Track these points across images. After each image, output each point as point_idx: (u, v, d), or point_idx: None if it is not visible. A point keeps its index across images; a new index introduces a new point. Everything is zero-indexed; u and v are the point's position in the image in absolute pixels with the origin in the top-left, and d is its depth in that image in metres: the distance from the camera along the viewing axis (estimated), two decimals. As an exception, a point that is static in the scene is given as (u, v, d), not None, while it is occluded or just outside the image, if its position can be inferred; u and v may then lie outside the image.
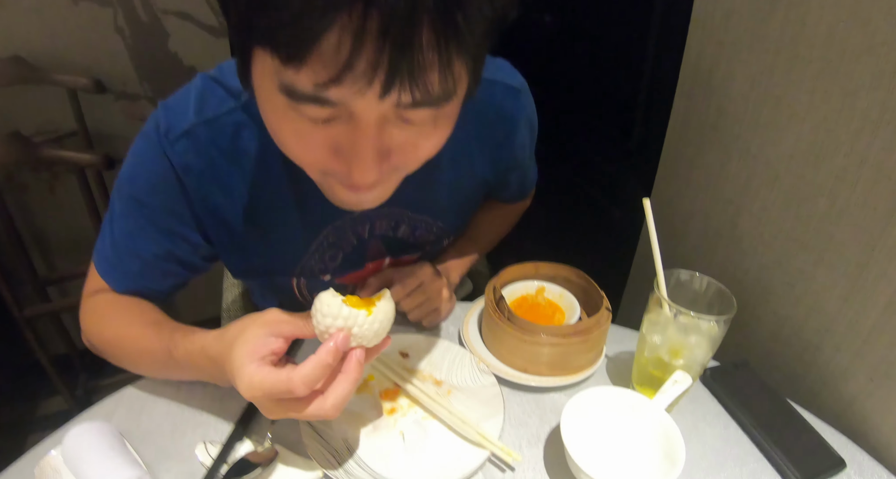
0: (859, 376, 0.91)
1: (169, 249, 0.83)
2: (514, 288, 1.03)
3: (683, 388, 0.79)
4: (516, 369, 0.92)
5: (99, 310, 0.87)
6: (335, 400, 0.62)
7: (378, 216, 0.92)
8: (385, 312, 0.65)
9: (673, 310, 0.80)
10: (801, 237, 0.99)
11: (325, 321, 0.63)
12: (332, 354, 0.61)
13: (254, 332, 0.65)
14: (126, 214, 0.81)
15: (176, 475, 0.76)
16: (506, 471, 0.79)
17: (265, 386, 0.61)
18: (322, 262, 0.94)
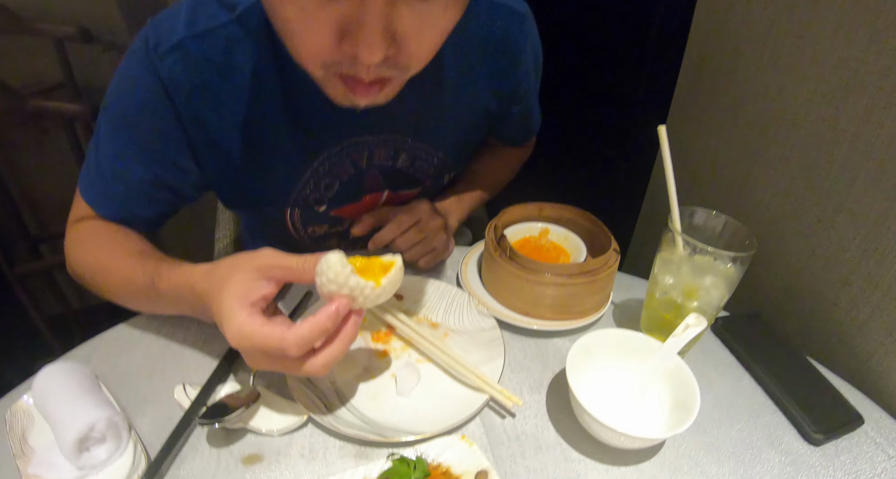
0: (878, 330, 0.86)
1: (156, 173, 0.79)
2: (516, 229, 0.96)
3: (698, 331, 0.73)
4: (518, 313, 0.86)
5: (83, 237, 0.82)
6: (326, 360, 0.60)
7: (377, 144, 0.87)
8: (394, 283, 0.62)
9: (688, 247, 0.74)
10: (820, 185, 0.93)
11: (329, 286, 0.59)
12: (331, 319, 0.58)
13: (245, 275, 0.61)
14: (112, 135, 0.77)
15: (153, 419, 0.70)
16: (506, 417, 0.74)
17: (256, 339, 0.58)
18: (318, 191, 0.90)
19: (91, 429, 0.62)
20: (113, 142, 0.77)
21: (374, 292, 0.60)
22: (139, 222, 0.83)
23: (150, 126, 0.75)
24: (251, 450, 0.67)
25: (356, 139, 0.86)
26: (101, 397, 0.68)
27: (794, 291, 1.01)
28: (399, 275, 0.63)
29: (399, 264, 0.63)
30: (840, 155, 0.89)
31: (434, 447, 0.65)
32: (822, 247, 0.94)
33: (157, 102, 0.73)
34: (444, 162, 0.97)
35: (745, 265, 0.74)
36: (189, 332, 0.83)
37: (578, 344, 0.73)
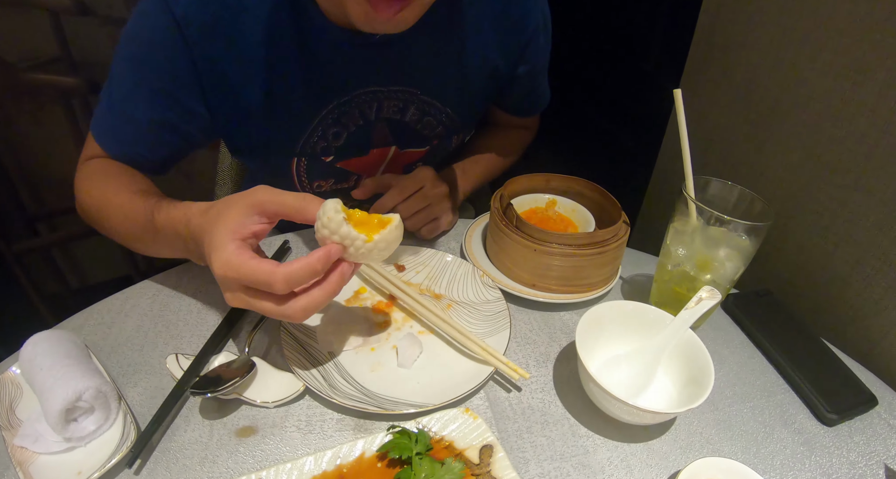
0: (892, 311, 0.83)
1: (164, 115, 0.79)
2: (522, 200, 0.92)
3: (711, 304, 0.69)
4: (523, 285, 0.82)
5: (91, 175, 0.82)
6: (307, 304, 0.57)
7: (387, 96, 0.87)
8: (388, 241, 0.59)
9: (702, 217, 0.70)
10: (834, 161, 0.90)
11: (322, 232, 0.58)
12: (321, 261, 0.56)
13: (238, 210, 0.59)
14: (124, 75, 0.77)
15: (144, 389, 0.67)
16: (511, 391, 0.70)
17: (243, 271, 0.56)
18: (325, 140, 0.89)
19: (78, 399, 0.59)
20: (124, 83, 0.77)
21: (365, 246, 0.58)
22: (146, 165, 0.84)
23: (161, 66, 0.75)
24: (245, 422, 0.64)
25: (366, 90, 0.85)
26: (90, 366, 0.65)
27: (805, 269, 0.98)
28: (394, 234, 0.60)
29: (396, 222, 0.60)
30: (856, 130, 0.85)
31: (437, 421, 0.62)
32: (834, 225, 0.91)
33: (169, 40, 0.73)
34: (451, 120, 0.95)
35: (761, 237, 0.71)
36: (183, 302, 0.80)
37: (588, 314, 0.69)
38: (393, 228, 0.60)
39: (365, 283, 0.83)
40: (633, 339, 0.72)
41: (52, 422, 0.58)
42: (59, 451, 0.59)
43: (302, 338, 0.72)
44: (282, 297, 0.57)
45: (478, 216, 0.98)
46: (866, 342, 0.87)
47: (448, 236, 0.96)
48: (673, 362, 0.71)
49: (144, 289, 0.83)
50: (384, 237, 0.59)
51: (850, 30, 0.84)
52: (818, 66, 0.90)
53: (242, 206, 0.60)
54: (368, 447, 0.59)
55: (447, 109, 0.94)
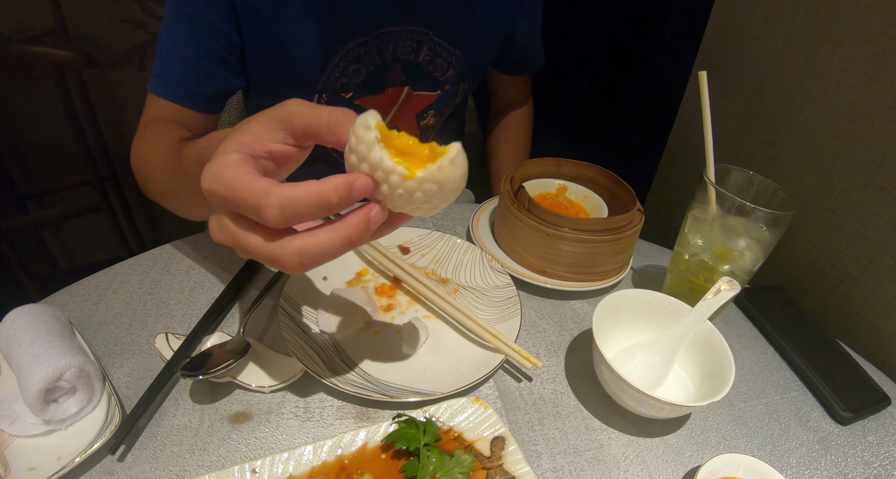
0: None
1: (208, 44, 0.81)
2: (532, 185, 0.87)
3: (731, 295, 0.64)
4: (533, 271, 0.77)
5: (143, 138, 0.80)
6: (304, 246, 0.41)
7: (402, 36, 0.91)
8: (438, 182, 0.40)
9: (722, 205, 0.65)
10: (849, 157, 0.85)
11: (350, 158, 0.41)
12: (339, 190, 0.39)
13: (258, 122, 0.44)
14: (172, 19, 0.80)
15: (131, 369, 0.62)
16: (522, 381, 0.65)
17: (233, 185, 0.40)
18: (345, 76, 0.92)
19: (59, 378, 0.53)
20: (171, 27, 0.80)
21: (403, 185, 0.40)
22: (199, 100, 0.84)
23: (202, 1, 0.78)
24: (239, 408, 0.58)
25: (384, 30, 0.89)
26: (73, 343, 0.59)
27: (816, 267, 0.94)
28: (449, 173, 0.40)
29: (454, 153, 0.40)
30: (873, 127, 0.81)
31: (445, 410, 0.56)
32: (848, 222, 0.87)
33: None
34: (460, 63, 0.99)
35: (783, 228, 0.67)
36: (175, 280, 0.74)
37: (605, 302, 0.64)
38: (447, 162, 0.40)
39: (367, 265, 0.77)
40: (648, 329, 0.67)
41: (31, 402, 0.53)
42: (38, 434, 0.54)
43: (301, 319, 0.66)
44: (275, 232, 0.42)
45: (483, 202, 0.92)
46: (877, 342, 0.83)
47: (454, 220, 0.91)
48: (690, 355, 0.66)
49: (135, 265, 0.77)
50: (432, 176, 0.40)
51: (872, 24, 0.80)
52: (835, 61, 0.86)
53: (264, 118, 0.45)
54: (372, 436, 0.53)
55: (457, 51, 0.97)
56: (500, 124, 1.26)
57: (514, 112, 1.25)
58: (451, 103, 1.07)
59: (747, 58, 1.03)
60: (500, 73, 1.19)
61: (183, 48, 0.80)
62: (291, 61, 0.87)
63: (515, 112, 1.25)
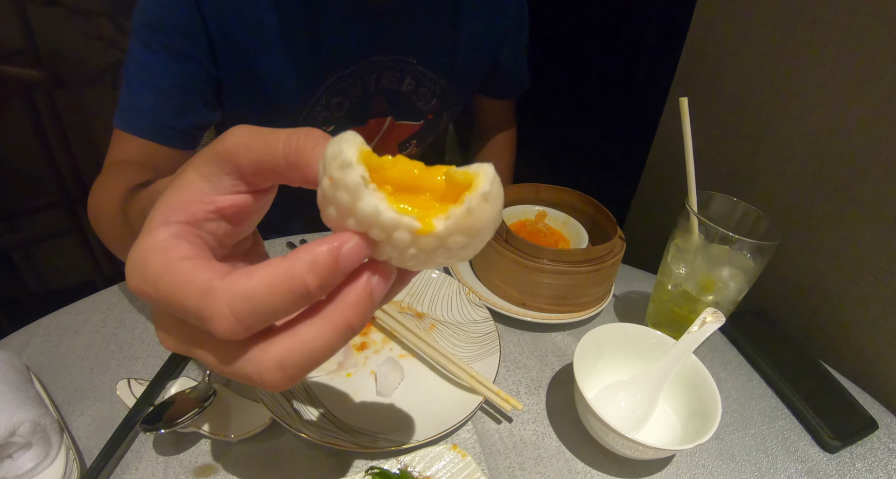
0: (888, 330, 0.79)
1: (183, 74, 0.76)
2: (510, 211, 0.86)
3: (716, 326, 0.63)
4: (512, 303, 0.75)
5: (101, 180, 0.71)
6: (285, 356, 0.28)
7: (386, 65, 0.89)
8: (469, 231, 0.27)
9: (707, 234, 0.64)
10: (830, 176, 0.85)
11: (328, 210, 0.27)
12: (315, 269, 0.26)
13: (194, 168, 0.31)
14: (140, 47, 0.75)
15: (92, 418, 0.59)
16: (501, 422, 0.63)
17: (161, 285, 0.28)
18: (328, 109, 0.89)
19: (13, 433, 0.51)
20: (141, 54, 0.75)
21: (418, 243, 0.27)
22: (170, 134, 0.77)
23: (174, 25, 0.74)
24: (205, 459, 0.56)
25: (368, 60, 0.87)
26: (28, 394, 0.56)
27: (799, 288, 0.93)
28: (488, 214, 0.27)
29: (488, 185, 0.27)
30: (853, 145, 0.81)
31: (420, 459, 0.54)
32: (830, 242, 0.87)
33: (182, 2, 0.73)
34: (444, 92, 0.97)
35: (767, 257, 0.66)
36: (140, 318, 0.71)
37: (587, 339, 0.63)
38: (478, 199, 0.26)
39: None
40: (632, 364, 0.66)
41: (-18, 459, 0.50)
42: (-11, 492, 0.51)
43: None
44: (236, 345, 0.29)
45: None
46: (862, 363, 0.83)
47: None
48: (676, 391, 0.64)
49: (98, 302, 0.74)
50: (459, 225, 0.26)
51: (849, 42, 0.79)
52: (815, 79, 0.85)
53: (203, 160, 0.31)
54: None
55: (441, 80, 0.95)
56: (483, 148, 1.24)
57: (498, 136, 1.24)
58: (435, 132, 1.05)
59: (726, 77, 1.02)
60: (484, 96, 1.17)
61: (154, 77, 0.75)
62: (271, 95, 0.84)
63: (499, 136, 1.24)
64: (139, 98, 0.76)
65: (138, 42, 0.75)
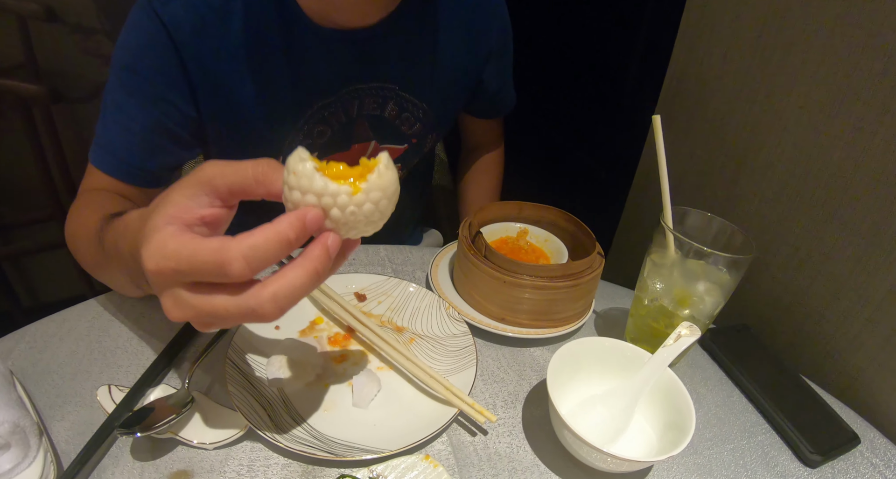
0: (869, 345, 0.81)
1: (157, 118, 0.78)
2: (493, 228, 0.88)
3: (691, 341, 0.64)
4: (492, 319, 0.77)
5: (77, 207, 0.78)
6: (278, 289, 0.41)
7: (367, 93, 0.90)
8: (381, 188, 0.43)
9: (680, 249, 0.66)
10: (809, 194, 0.88)
11: (292, 196, 0.42)
12: (295, 226, 0.41)
13: (179, 192, 0.45)
14: (117, 86, 0.77)
15: (72, 423, 0.61)
16: (476, 435, 0.65)
17: (183, 254, 0.41)
18: (310, 138, 0.90)
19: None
20: (117, 94, 0.77)
21: (352, 201, 0.42)
22: (138, 175, 0.81)
23: (151, 68, 0.76)
24: (180, 465, 0.57)
25: (349, 89, 0.88)
26: (10, 396, 0.58)
27: (781, 304, 0.95)
28: (386, 179, 0.44)
29: (385, 161, 0.44)
30: (832, 163, 0.84)
31: (393, 469, 0.56)
32: (811, 258, 0.89)
33: (158, 44, 0.74)
34: (427, 116, 0.98)
35: (742, 271, 0.68)
36: (123, 328, 0.73)
37: (560, 353, 0.65)
38: (383, 168, 0.43)
39: (322, 313, 0.77)
40: (608, 378, 0.68)
41: (-41, 460, 0.51)
42: (-33, 491, 0.52)
43: (249, 371, 0.65)
44: (240, 286, 0.42)
45: (446, 244, 0.93)
46: (845, 378, 0.85)
47: (413, 265, 0.91)
48: (651, 404, 0.66)
49: (84, 311, 0.76)
50: (374, 184, 0.43)
51: (827, 62, 0.82)
52: (793, 99, 0.88)
53: (185, 186, 0.45)
54: (315, 496, 0.53)
55: (423, 104, 0.96)
56: (471, 167, 1.26)
57: (486, 155, 1.26)
58: (420, 154, 1.07)
59: (708, 97, 1.05)
60: (470, 116, 1.19)
61: (128, 119, 0.77)
62: (254, 129, 0.86)
63: (487, 155, 1.26)
64: (112, 138, 0.79)
65: (116, 80, 0.77)
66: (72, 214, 0.78)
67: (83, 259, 0.73)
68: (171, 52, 0.75)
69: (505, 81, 1.12)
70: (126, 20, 0.77)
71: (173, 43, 0.74)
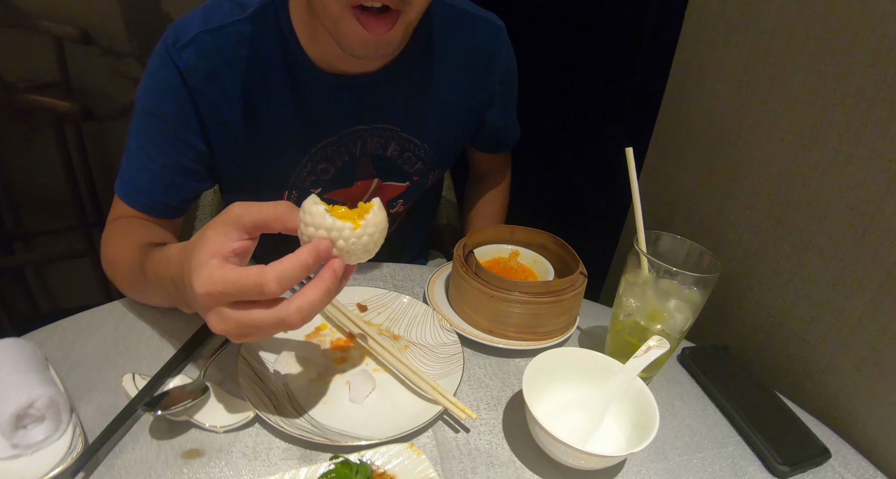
0: (846, 367, 0.86)
1: (176, 158, 0.87)
2: (486, 249, 0.97)
3: (660, 352, 0.72)
4: (481, 331, 0.85)
5: (111, 234, 0.89)
6: (301, 304, 0.55)
7: (370, 133, 0.96)
8: (375, 225, 0.58)
9: (654, 270, 0.74)
10: (790, 221, 0.94)
11: (307, 231, 0.57)
12: (312, 253, 0.55)
13: (214, 230, 0.57)
14: (140, 129, 0.87)
15: (98, 406, 0.69)
16: (459, 432, 0.72)
17: (228, 281, 0.54)
18: (314, 174, 0.97)
19: (31, 405, 0.61)
20: (140, 136, 0.87)
21: (353, 235, 0.56)
22: (163, 209, 0.90)
23: (170, 111, 0.85)
24: (193, 445, 0.66)
25: (352, 129, 0.94)
26: (46, 376, 0.66)
27: (765, 327, 1.01)
28: (379, 218, 0.58)
29: (377, 205, 0.59)
30: (809, 192, 0.90)
31: (381, 455, 0.63)
32: (791, 283, 0.95)
33: (175, 89, 0.83)
34: (428, 156, 1.04)
35: (709, 289, 0.75)
36: (146, 327, 0.82)
37: (537, 360, 0.72)
38: (376, 210, 0.58)
39: (326, 320, 0.85)
40: (583, 386, 0.75)
41: (2, 426, 0.60)
42: (5, 458, 0.60)
43: (258, 367, 0.74)
44: (274, 301, 0.56)
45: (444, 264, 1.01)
46: (823, 398, 0.89)
47: (413, 282, 0.99)
48: (622, 410, 0.73)
49: (111, 310, 0.85)
50: (370, 222, 0.57)
51: (804, 98, 0.89)
52: (775, 132, 0.95)
53: (218, 225, 0.58)
54: (311, 476, 0.60)
55: (425, 145, 1.02)
56: (478, 194, 1.32)
57: (492, 182, 1.32)
58: (422, 191, 1.12)
59: (698, 130, 1.14)
60: (475, 149, 1.24)
61: (150, 160, 0.87)
62: (260, 166, 0.94)
63: (492, 182, 1.32)
64: (135, 175, 0.88)
65: (138, 122, 0.87)
66: (107, 243, 0.89)
67: (122, 282, 0.85)
68: (186, 97, 0.84)
69: (508, 119, 1.17)
70: (146, 66, 0.86)
71: (188, 89, 0.83)
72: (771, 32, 0.94)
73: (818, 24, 0.86)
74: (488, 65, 1.02)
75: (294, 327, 0.56)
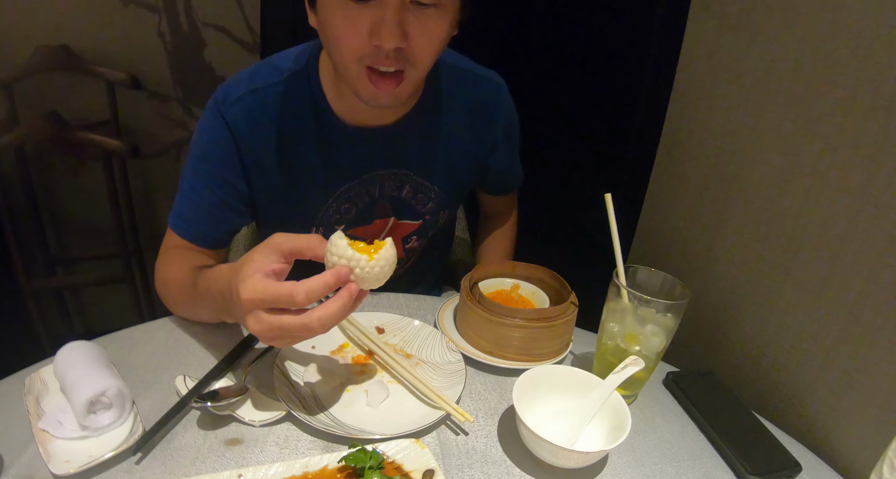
0: (822, 390, 0.95)
1: (222, 197, 1.03)
2: (491, 283, 1.11)
3: (635, 370, 0.84)
4: (483, 352, 0.99)
5: (166, 261, 1.05)
6: (322, 313, 0.69)
7: (387, 177, 1.11)
8: (386, 259, 0.73)
9: (633, 299, 0.87)
10: (769, 257, 1.06)
11: (332, 259, 0.71)
12: (334, 276, 0.70)
13: (259, 253, 0.73)
14: (192, 171, 1.03)
15: (153, 402, 0.83)
16: (459, 435, 0.85)
17: (268, 291, 0.69)
18: (338, 213, 1.13)
19: (103, 393, 0.75)
20: (192, 177, 1.03)
21: (368, 265, 0.71)
22: (209, 240, 1.06)
23: (218, 158, 1.02)
24: (234, 435, 0.79)
25: (371, 173, 1.10)
26: (113, 371, 0.81)
27: (750, 355, 1.12)
28: (390, 253, 0.73)
29: (389, 243, 0.73)
30: (786, 229, 1.02)
31: (391, 447, 0.76)
32: (773, 314, 1.06)
33: (223, 139, 1.00)
34: (439, 197, 1.18)
35: (680, 314, 0.87)
36: (194, 339, 0.97)
37: (526, 374, 0.85)
38: (387, 248, 0.73)
39: (349, 339, 1.00)
40: (568, 398, 0.87)
41: (77, 409, 0.74)
42: (75, 437, 0.74)
43: (290, 375, 0.88)
44: (301, 310, 0.70)
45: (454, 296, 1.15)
46: (804, 421, 0.98)
47: (425, 310, 1.14)
48: (602, 420, 0.84)
49: (162, 325, 1.00)
50: (382, 256, 0.72)
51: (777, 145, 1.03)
52: (754, 176, 1.09)
53: (262, 249, 0.73)
54: (332, 461, 0.73)
55: (435, 187, 1.17)
56: (488, 232, 1.47)
57: (500, 222, 1.46)
58: (435, 228, 1.26)
59: (689, 175, 1.28)
60: (481, 191, 1.39)
61: (199, 197, 1.03)
62: (291, 205, 1.10)
63: (500, 222, 1.46)
64: (186, 211, 1.04)
65: (191, 165, 1.03)
66: (161, 267, 1.04)
67: (174, 299, 1.01)
68: (231, 145, 1.00)
69: (511, 164, 1.32)
70: (199, 120, 1.03)
71: (234, 138, 1.00)
72: (749, 86, 1.09)
73: (789, 78, 1.00)
74: (490, 117, 1.17)
75: (315, 332, 0.71)
